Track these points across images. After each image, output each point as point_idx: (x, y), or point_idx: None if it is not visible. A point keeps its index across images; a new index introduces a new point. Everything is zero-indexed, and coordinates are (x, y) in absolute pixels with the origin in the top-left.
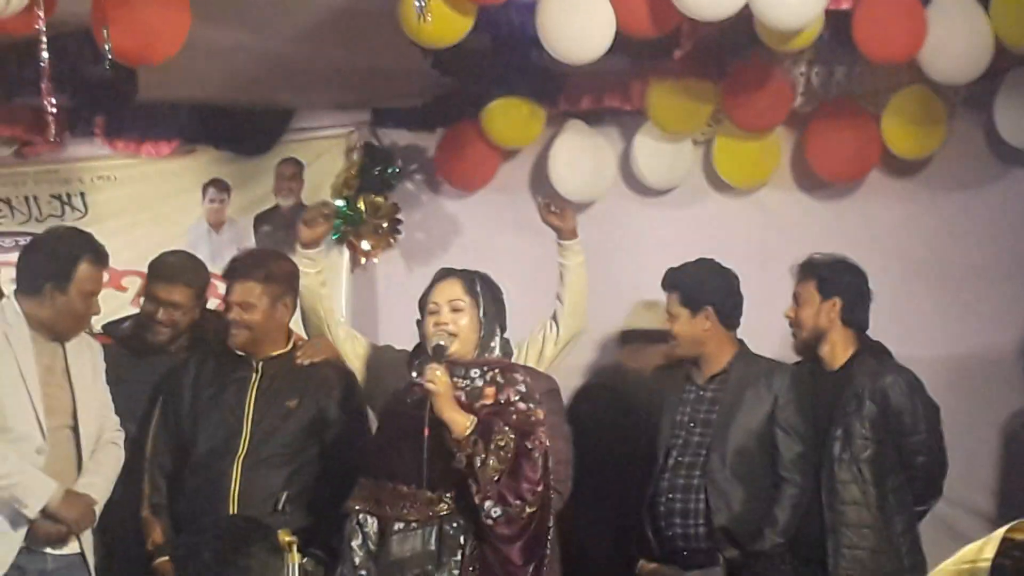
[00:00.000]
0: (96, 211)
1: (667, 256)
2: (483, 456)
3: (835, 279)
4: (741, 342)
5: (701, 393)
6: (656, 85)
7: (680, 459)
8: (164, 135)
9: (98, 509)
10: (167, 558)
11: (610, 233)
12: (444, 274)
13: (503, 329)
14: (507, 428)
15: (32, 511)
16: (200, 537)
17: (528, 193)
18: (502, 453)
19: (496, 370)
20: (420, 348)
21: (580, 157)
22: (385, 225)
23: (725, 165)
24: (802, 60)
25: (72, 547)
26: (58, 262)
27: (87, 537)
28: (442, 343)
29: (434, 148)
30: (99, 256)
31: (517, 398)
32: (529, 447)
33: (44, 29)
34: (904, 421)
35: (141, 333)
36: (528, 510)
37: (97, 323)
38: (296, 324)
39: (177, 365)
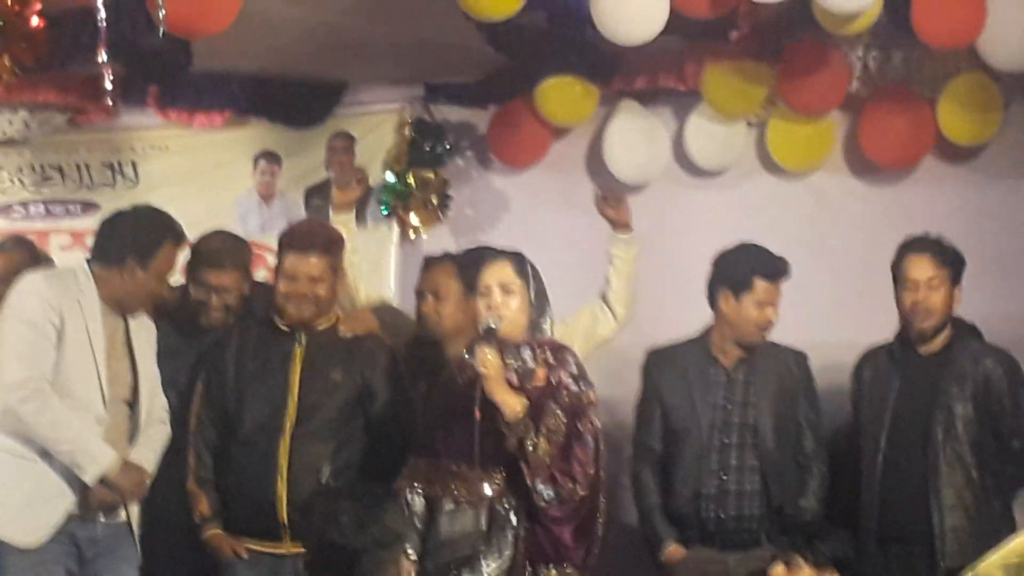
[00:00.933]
0: (147, 180)
1: (718, 238)
2: (535, 438)
3: (959, 265)
4: None
5: (732, 376)
6: (711, 66)
7: (726, 441)
8: (217, 106)
9: (149, 481)
10: (217, 530)
11: (661, 214)
12: (494, 255)
13: (548, 310)
14: (559, 410)
15: (91, 477)
16: (336, 503)
17: (579, 172)
18: (554, 435)
19: (548, 351)
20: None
21: (634, 138)
22: (435, 200)
23: (779, 148)
24: (859, 44)
25: (120, 515)
26: (145, 238)
27: (133, 507)
28: (492, 325)
29: (486, 125)
30: (180, 239)
31: (569, 379)
32: (581, 429)
33: None
34: (1004, 404)
35: (193, 316)
36: (580, 492)
37: None
38: None
39: (220, 338)
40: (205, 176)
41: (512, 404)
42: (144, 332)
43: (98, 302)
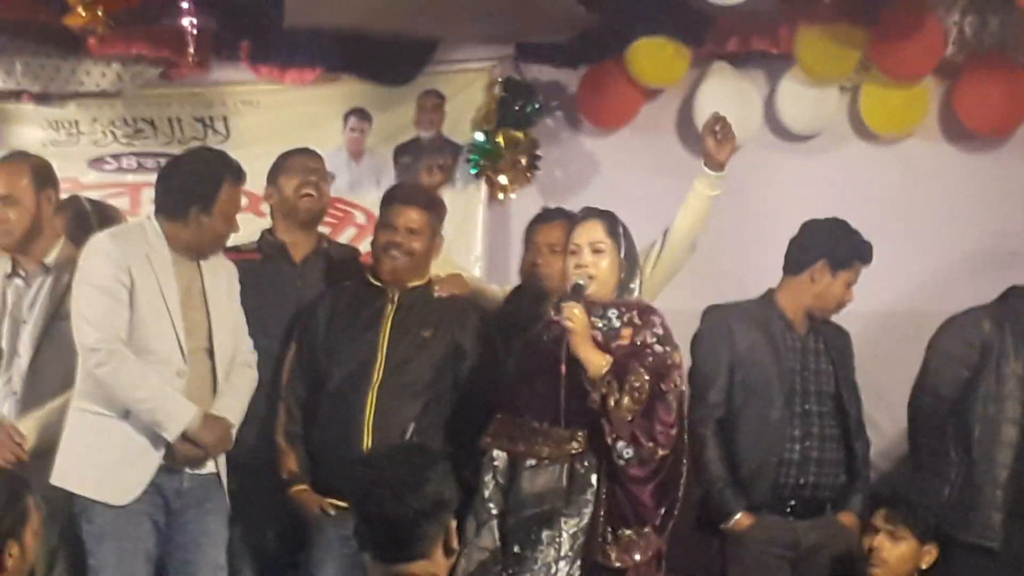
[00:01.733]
0: (238, 136)
1: (809, 203)
2: (617, 396)
3: None
4: None
5: (805, 343)
6: (805, 29)
7: (808, 407)
8: (308, 62)
9: (234, 432)
10: (305, 487)
11: (752, 178)
12: (586, 214)
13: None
14: (642, 369)
15: (172, 435)
16: (375, 472)
17: (670, 135)
18: (636, 394)
19: (634, 311)
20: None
21: (725, 100)
22: (524, 161)
23: (872, 113)
24: (955, 8)
25: (207, 467)
26: (202, 184)
27: (222, 458)
28: (581, 283)
29: (576, 85)
30: (239, 175)
31: (654, 340)
32: (664, 389)
33: None
34: None
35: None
36: (660, 452)
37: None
38: None
39: (315, 298)
40: (295, 132)
41: (596, 361)
42: (221, 276)
43: (168, 254)
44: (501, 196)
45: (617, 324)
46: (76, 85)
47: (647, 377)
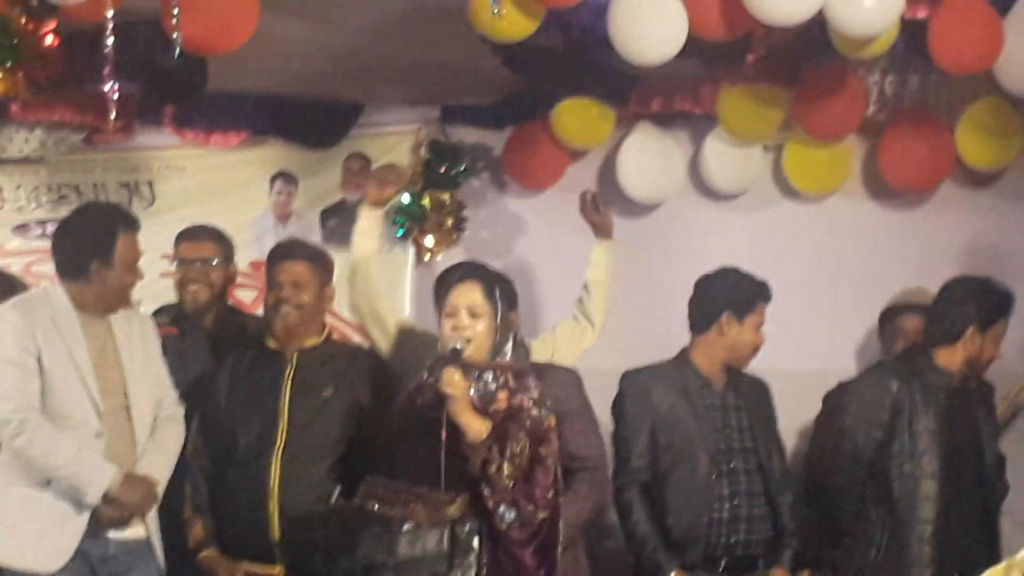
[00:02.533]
0: (164, 200)
1: (734, 261)
2: (499, 462)
3: None
4: None
5: (724, 400)
6: (727, 89)
7: (733, 466)
8: (233, 126)
9: (160, 489)
10: (212, 553)
11: (677, 236)
12: (463, 275)
13: (516, 332)
14: (522, 434)
15: (93, 498)
16: (309, 533)
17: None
18: (517, 459)
19: (509, 374)
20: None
21: (649, 159)
22: (450, 222)
23: (796, 172)
24: (876, 68)
25: (136, 531)
26: (97, 238)
27: (153, 520)
28: (458, 347)
29: (501, 146)
30: (132, 223)
31: (530, 404)
32: (543, 454)
33: (111, 16)
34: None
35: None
36: (540, 515)
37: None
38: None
39: (212, 367)
40: (221, 196)
41: (476, 426)
42: (134, 330)
43: (75, 315)
44: (427, 258)
45: (493, 387)
46: None
47: (527, 442)
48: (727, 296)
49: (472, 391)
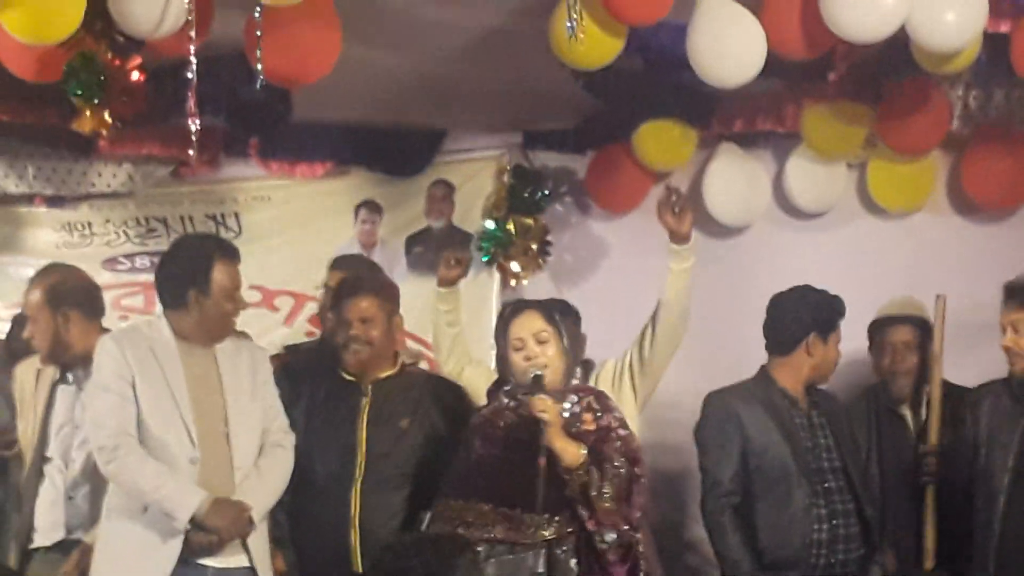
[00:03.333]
0: (250, 231)
1: (820, 279)
2: (599, 484)
3: None
4: None
5: (810, 419)
6: (810, 108)
7: (828, 485)
8: (318, 156)
9: (257, 515)
10: None
11: (761, 256)
12: (521, 307)
13: (582, 354)
14: (619, 456)
15: (181, 522)
16: (404, 560)
17: None
18: (617, 481)
19: (591, 397)
20: (499, 381)
21: (734, 181)
22: (535, 247)
23: (880, 189)
24: (959, 83)
25: (237, 560)
26: (194, 268)
27: (260, 548)
28: (539, 373)
29: (584, 170)
30: (230, 252)
31: (617, 425)
32: (639, 473)
33: (194, 50)
34: None
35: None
36: (636, 535)
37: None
38: None
39: (290, 394)
40: (307, 226)
41: (573, 451)
42: (242, 359)
43: (174, 345)
44: (514, 283)
45: (577, 410)
46: (87, 186)
47: (625, 463)
48: (812, 317)
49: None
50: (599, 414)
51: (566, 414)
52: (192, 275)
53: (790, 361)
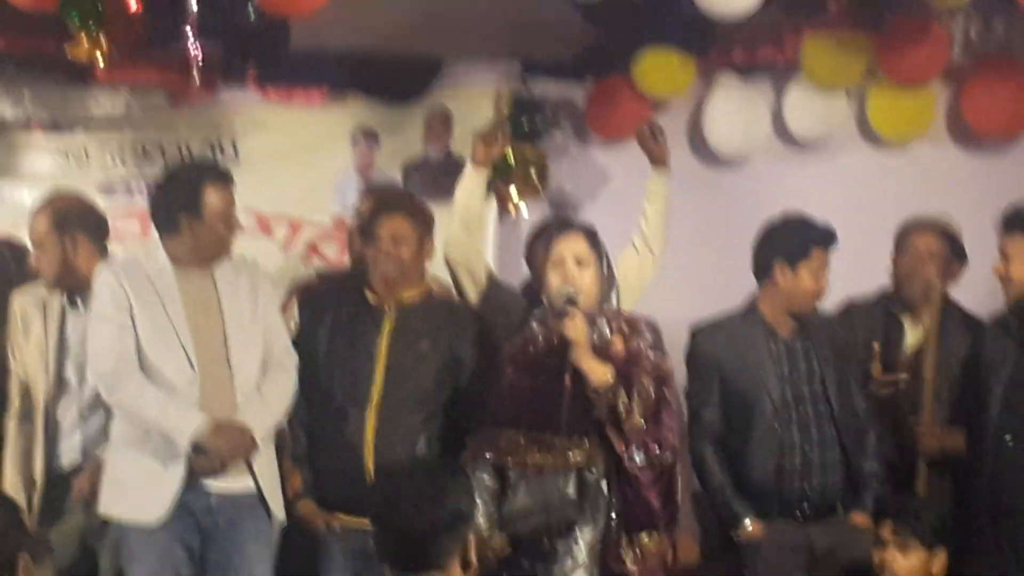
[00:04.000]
0: (247, 157)
1: (819, 210)
2: (627, 405)
3: None
4: None
5: (792, 347)
6: (810, 38)
7: (803, 413)
8: (315, 83)
9: (259, 437)
10: (310, 503)
11: (760, 186)
12: (566, 227)
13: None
14: (647, 377)
15: (181, 446)
16: (397, 485)
17: (680, 145)
18: (646, 401)
19: (622, 320)
20: (530, 292)
21: (733, 111)
22: (534, 175)
23: (879, 119)
24: (960, 13)
25: (242, 483)
26: (185, 193)
27: (265, 470)
28: (573, 295)
29: (583, 99)
30: (221, 175)
31: (647, 347)
32: (668, 395)
33: None
34: None
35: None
36: (668, 458)
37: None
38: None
39: (313, 317)
40: (304, 153)
41: (601, 372)
42: (242, 281)
43: (171, 270)
44: (512, 211)
45: (608, 333)
46: (84, 112)
47: (653, 384)
48: (779, 244)
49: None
50: (630, 338)
51: (596, 337)
52: (183, 200)
53: (766, 289)
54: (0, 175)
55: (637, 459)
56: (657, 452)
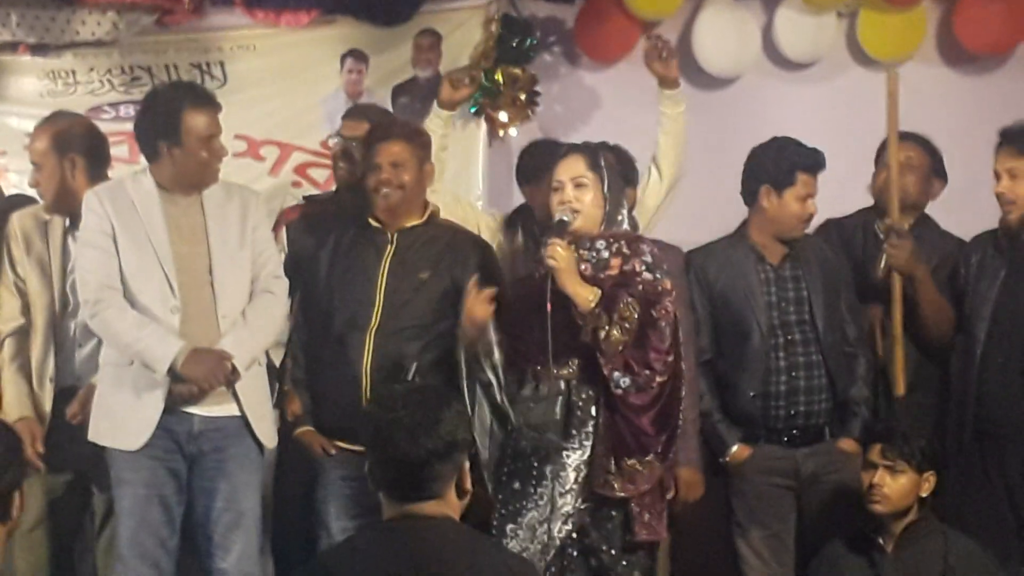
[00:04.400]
0: (235, 80)
1: (809, 131)
2: (607, 327)
3: None
4: None
5: (780, 272)
6: None
7: (790, 338)
8: (303, 5)
9: (241, 363)
10: (309, 428)
11: (750, 107)
12: (568, 150)
13: (632, 208)
14: (631, 299)
15: (159, 373)
16: (392, 411)
17: None
18: (626, 324)
19: (622, 241)
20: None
21: (723, 31)
22: (523, 97)
23: (870, 38)
24: None
25: (226, 408)
26: (164, 119)
27: (251, 395)
28: (565, 218)
29: (573, 19)
30: (202, 99)
31: (643, 268)
32: (655, 316)
33: None
34: None
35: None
36: (658, 379)
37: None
38: None
39: (317, 240)
40: (292, 75)
41: (584, 294)
42: (232, 206)
43: (157, 196)
44: (501, 133)
45: (606, 255)
46: (72, 35)
47: (636, 306)
48: (764, 169)
49: (586, 261)
50: (628, 259)
51: (594, 257)
52: (162, 127)
53: (755, 214)
54: None
55: (621, 382)
56: (645, 374)
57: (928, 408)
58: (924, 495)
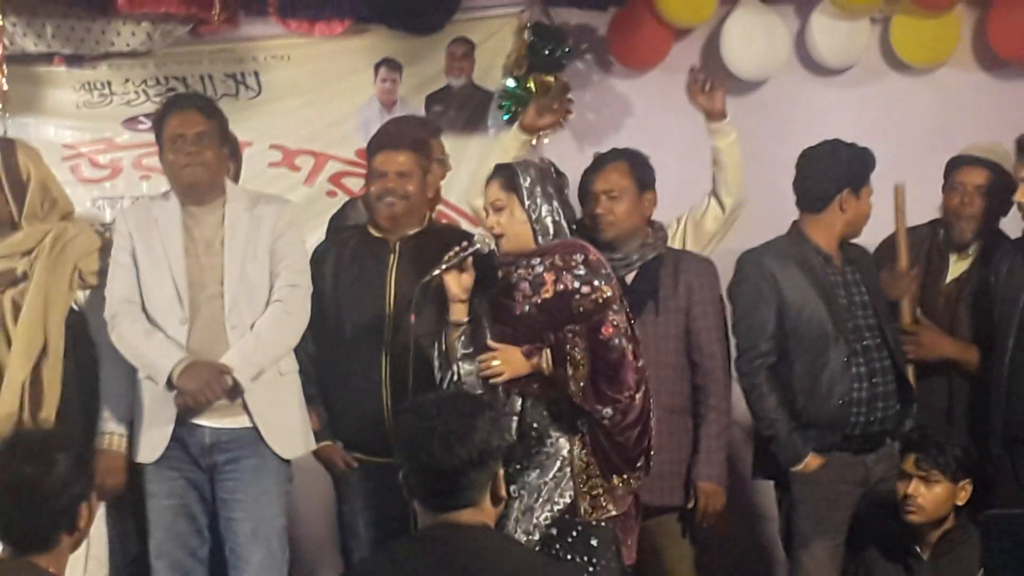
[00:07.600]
0: (269, 90)
1: (843, 136)
2: (573, 373)
3: None
4: None
5: (845, 276)
6: None
7: (866, 343)
8: (337, 14)
9: (243, 376)
10: (329, 443)
11: (783, 112)
12: (489, 176)
13: (565, 206)
14: (573, 335)
15: (160, 384)
16: (427, 420)
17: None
18: (581, 367)
19: (556, 254)
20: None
21: (754, 35)
22: (556, 105)
23: (904, 44)
24: None
25: (237, 420)
26: (156, 130)
27: (265, 408)
28: (483, 249)
29: (605, 27)
30: (181, 102)
31: (576, 283)
32: (604, 338)
33: None
34: None
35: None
36: (636, 394)
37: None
38: None
39: (319, 252)
40: (326, 85)
41: (538, 364)
42: (253, 215)
43: (179, 210)
44: (534, 141)
45: (540, 270)
46: (107, 46)
47: (581, 340)
48: (844, 172)
49: (526, 280)
50: (560, 272)
51: (531, 275)
52: (157, 138)
53: (823, 218)
54: (24, 110)
55: (604, 413)
56: (623, 395)
57: (936, 412)
58: (960, 504)
